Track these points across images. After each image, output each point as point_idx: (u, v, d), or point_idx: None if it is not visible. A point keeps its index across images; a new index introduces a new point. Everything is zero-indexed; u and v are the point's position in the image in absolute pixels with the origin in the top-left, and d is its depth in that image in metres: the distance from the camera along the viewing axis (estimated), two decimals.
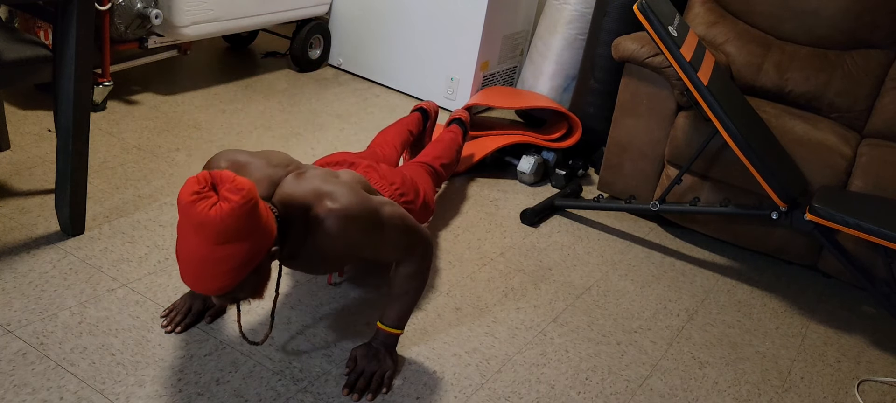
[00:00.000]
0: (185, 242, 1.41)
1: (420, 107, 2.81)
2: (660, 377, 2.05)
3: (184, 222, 1.40)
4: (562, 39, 3.43)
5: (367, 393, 1.77)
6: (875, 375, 2.24)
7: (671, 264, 2.64)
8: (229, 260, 1.41)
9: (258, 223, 1.43)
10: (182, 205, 1.39)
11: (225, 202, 1.38)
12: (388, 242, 1.68)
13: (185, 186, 1.40)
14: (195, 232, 1.39)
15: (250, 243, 1.43)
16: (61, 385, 1.63)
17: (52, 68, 2.04)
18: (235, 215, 1.38)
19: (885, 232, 2.12)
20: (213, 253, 1.40)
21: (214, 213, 1.37)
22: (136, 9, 2.87)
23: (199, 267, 1.42)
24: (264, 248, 1.47)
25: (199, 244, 1.39)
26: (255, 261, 1.46)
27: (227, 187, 1.39)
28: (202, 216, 1.37)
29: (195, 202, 1.38)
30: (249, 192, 1.40)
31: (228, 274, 1.43)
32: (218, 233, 1.38)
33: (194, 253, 1.41)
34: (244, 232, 1.41)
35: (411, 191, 2.14)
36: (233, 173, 1.43)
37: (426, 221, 2.31)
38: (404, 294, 1.79)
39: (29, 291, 1.89)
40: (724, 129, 2.30)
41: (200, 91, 3.32)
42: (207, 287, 1.44)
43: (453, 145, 2.61)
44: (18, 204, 2.25)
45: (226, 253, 1.40)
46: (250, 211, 1.40)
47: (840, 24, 2.87)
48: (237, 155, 1.70)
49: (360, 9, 3.75)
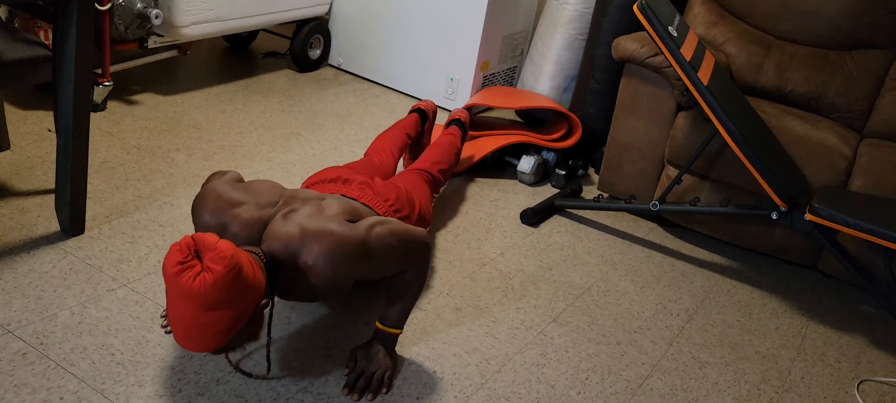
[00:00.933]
0: (173, 308, 1.45)
1: (418, 108, 2.80)
2: (660, 377, 2.05)
3: (170, 290, 1.44)
4: (562, 39, 3.43)
5: (368, 393, 1.77)
6: (875, 375, 2.24)
7: (671, 264, 2.64)
8: (219, 323, 1.45)
9: (244, 286, 1.46)
10: (167, 276, 1.42)
11: (208, 273, 1.40)
12: (382, 263, 1.68)
13: (169, 255, 1.43)
14: (182, 301, 1.42)
15: (237, 306, 1.46)
16: (61, 385, 1.63)
17: (52, 68, 2.04)
18: (219, 285, 1.41)
19: (885, 232, 2.12)
20: (201, 320, 1.43)
21: (198, 285, 1.40)
22: (136, 9, 2.88)
23: (189, 331, 1.45)
24: (252, 306, 1.50)
25: (188, 311, 1.43)
26: (243, 320, 1.49)
27: (209, 256, 1.42)
28: (187, 287, 1.40)
29: (180, 273, 1.41)
30: (231, 260, 1.42)
31: (219, 335, 1.46)
32: (203, 303, 1.41)
33: (183, 318, 1.44)
34: (230, 299, 1.44)
35: (407, 206, 2.11)
36: (215, 238, 1.44)
37: (425, 228, 2.29)
38: (403, 294, 1.79)
39: (29, 291, 1.89)
40: (724, 129, 2.30)
41: (200, 91, 3.32)
42: (201, 348, 1.48)
43: (452, 149, 2.60)
44: (18, 204, 2.25)
45: (213, 318, 1.44)
46: (234, 278, 1.43)
47: (840, 23, 2.87)
48: (230, 191, 1.69)
49: (360, 9, 3.75)
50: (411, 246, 1.73)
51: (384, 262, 1.68)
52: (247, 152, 2.84)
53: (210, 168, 2.67)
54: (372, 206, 1.97)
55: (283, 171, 2.75)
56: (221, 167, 2.69)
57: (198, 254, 1.43)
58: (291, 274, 1.62)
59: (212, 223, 1.65)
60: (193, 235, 1.46)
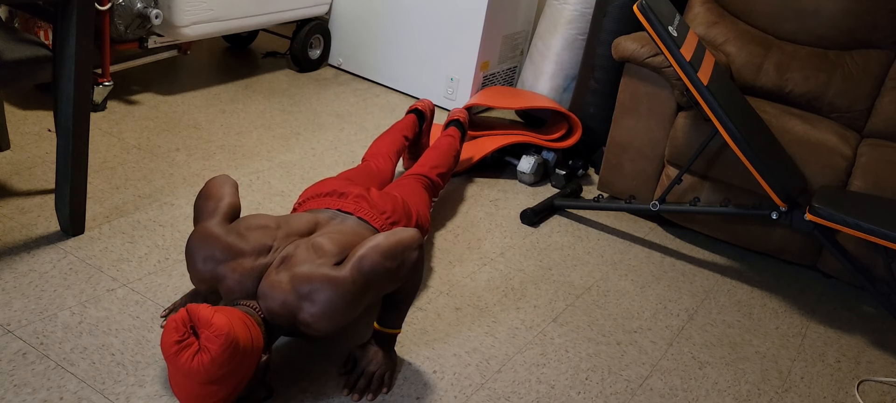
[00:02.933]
0: (174, 380, 1.51)
1: (415, 108, 2.78)
2: (660, 377, 2.05)
3: (170, 368, 1.50)
4: (562, 39, 3.43)
5: (367, 393, 1.77)
6: (875, 375, 2.24)
7: (671, 264, 2.64)
8: (220, 391, 1.51)
9: (242, 357, 1.50)
10: (166, 356, 1.48)
11: (205, 353, 1.45)
12: (380, 289, 1.68)
13: (166, 334, 1.48)
14: (182, 378, 1.48)
15: (238, 375, 1.52)
16: (61, 385, 1.63)
17: (52, 68, 2.04)
18: (217, 363, 1.46)
19: (885, 232, 2.12)
20: (202, 391, 1.50)
21: (197, 365, 1.45)
22: (136, 9, 2.88)
23: (192, 400, 1.52)
24: (252, 367, 1.55)
25: (187, 386, 1.49)
26: (244, 383, 1.55)
27: (205, 335, 1.46)
28: (186, 367, 1.46)
29: (178, 353, 1.46)
30: (228, 337, 1.46)
31: (223, 400, 1.53)
32: (203, 379, 1.47)
33: (184, 391, 1.51)
34: (230, 372, 1.49)
35: (403, 217, 2.08)
36: (209, 313, 1.47)
37: (423, 236, 2.28)
38: (400, 295, 1.78)
39: (29, 291, 1.89)
40: (724, 129, 2.30)
41: (200, 91, 3.32)
42: None
43: (451, 151, 2.57)
44: (18, 204, 2.25)
45: (214, 389, 1.50)
46: (232, 353, 1.47)
47: (840, 23, 2.87)
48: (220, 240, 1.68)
49: (360, 9, 3.75)
50: (404, 257, 1.69)
51: (382, 287, 1.68)
52: (247, 152, 2.84)
53: (210, 168, 2.67)
54: (368, 220, 1.96)
55: (283, 171, 2.75)
56: (221, 167, 2.69)
57: (194, 330, 1.48)
58: (290, 326, 1.67)
59: (206, 274, 1.67)
60: (188, 308, 1.49)
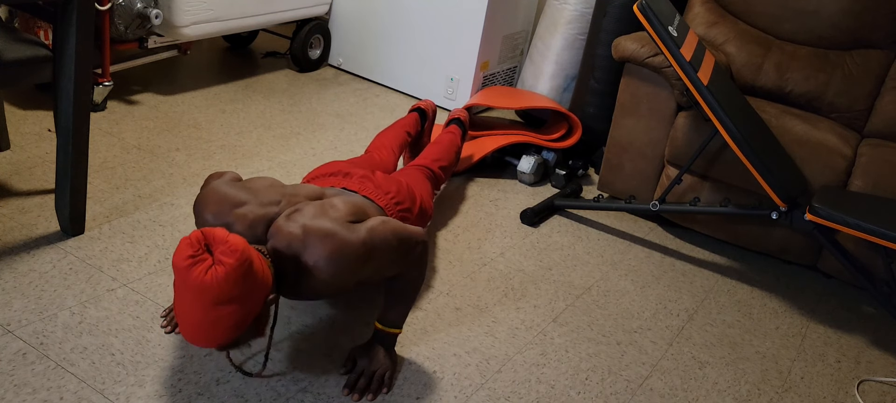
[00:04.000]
0: (182, 303, 1.44)
1: (418, 107, 2.80)
2: (660, 377, 2.05)
3: (180, 285, 1.43)
4: (562, 39, 3.43)
5: (368, 393, 1.77)
6: (875, 375, 2.24)
7: (671, 264, 2.64)
8: (228, 318, 1.44)
9: (254, 281, 1.46)
10: (178, 270, 1.41)
11: (220, 266, 1.40)
12: (383, 265, 1.68)
13: (180, 249, 1.42)
14: (192, 296, 1.41)
15: (247, 301, 1.45)
16: (61, 385, 1.63)
17: (52, 68, 2.04)
18: (231, 279, 1.40)
19: (885, 232, 2.12)
20: (211, 314, 1.42)
21: (210, 278, 1.39)
22: (136, 9, 2.88)
23: (197, 327, 1.44)
24: (261, 300, 1.50)
25: (197, 307, 1.42)
26: (252, 315, 1.49)
27: (220, 250, 1.41)
28: (198, 281, 1.39)
29: (191, 267, 1.40)
30: (243, 254, 1.42)
31: (227, 330, 1.46)
32: (215, 297, 1.41)
33: (192, 314, 1.43)
34: (241, 294, 1.43)
35: (407, 200, 2.11)
36: (225, 232, 1.44)
37: (424, 227, 2.29)
38: (401, 294, 1.78)
39: (29, 291, 1.89)
40: (724, 129, 2.30)
41: (200, 91, 3.32)
42: (208, 344, 1.47)
43: (452, 147, 2.60)
44: (18, 204, 2.25)
45: (223, 312, 1.43)
46: (246, 272, 1.43)
47: (840, 23, 2.87)
48: (231, 191, 1.68)
49: (360, 9, 3.75)
50: (410, 247, 1.72)
51: (385, 263, 1.68)
52: (247, 152, 2.84)
53: (210, 168, 2.67)
54: (373, 199, 1.97)
55: (283, 171, 2.75)
56: (221, 167, 2.69)
57: (208, 248, 1.42)
58: (294, 272, 1.62)
59: (215, 224, 1.64)
60: (203, 229, 1.45)
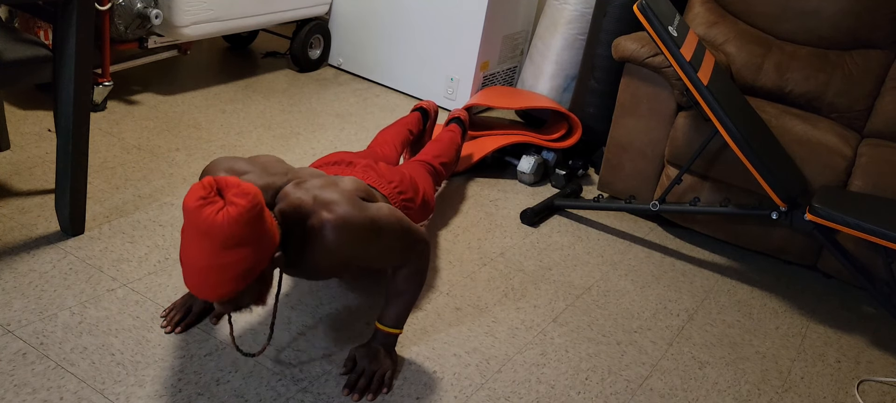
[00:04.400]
0: (189, 248, 1.40)
1: (420, 107, 2.82)
2: (660, 377, 2.05)
3: (189, 228, 1.39)
4: (562, 39, 3.43)
5: (368, 393, 1.77)
6: (875, 375, 2.24)
7: (671, 264, 2.64)
8: (235, 266, 1.41)
9: (263, 228, 1.43)
10: (188, 211, 1.38)
11: (232, 206, 1.37)
12: (385, 249, 1.68)
13: (191, 192, 1.39)
14: (201, 238, 1.38)
15: (256, 249, 1.42)
16: (61, 385, 1.63)
17: (52, 68, 2.04)
18: (242, 220, 1.38)
19: (885, 232, 2.12)
20: (219, 259, 1.39)
21: (221, 218, 1.36)
22: (136, 9, 2.88)
23: (203, 273, 1.41)
24: (268, 254, 1.47)
25: (205, 250, 1.39)
26: (259, 268, 1.45)
27: (233, 192, 1.39)
28: (209, 221, 1.36)
29: (202, 207, 1.37)
30: (256, 197, 1.40)
31: (233, 280, 1.42)
32: (225, 239, 1.38)
33: (199, 259, 1.40)
34: (250, 238, 1.40)
35: (410, 190, 2.13)
36: (237, 178, 1.43)
37: (426, 219, 2.31)
38: (402, 294, 1.79)
39: (29, 291, 1.89)
40: (724, 129, 2.30)
41: (200, 91, 3.32)
42: (211, 293, 1.44)
43: (452, 144, 2.61)
44: (18, 204, 2.25)
45: (231, 259, 1.40)
46: (257, 216, 1.40)
47: (840, 24, 2.87)
48: (234, 163, 1.69)
49: (360, 9, 3.75)
50: (413, 241, 1.73)
51: (386, 249, 1.68)
52: (247, 152, 2.84)
53: None
54: (377, 188, 1.97)
55: None
56: None
57: (220, 193, 1.40)
58: (299, 240, 1.60)
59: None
60: (215, 177, 1.43)
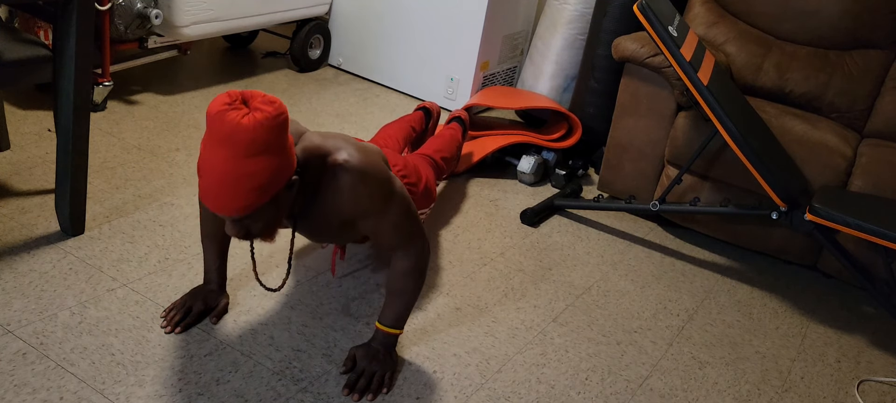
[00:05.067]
0: (211, 157, 1.41)
1: (423, 107, 2.83)
2: (660, 377, 2.05)
3: (212, 134, 1.40)
4: (562, 39, 3.43)
5: (368, 393, 1.76)
6: (875, 375, 2.24)
7: (671, 264, 2.64)
8: (255, 176, 1.41)
9: (285, 141, 1.45)
10: (212, 116, 1.40)
11: (258, 112, 1.39)
12: (391, 219, 1.69)
13: (216, 100, 1.41)
14: (223, 143, 1.39)
15: (277, 160, 1.43)
16: (61, 385, 1.63)
17: (52, 68, 2.04)
18: (267, 126, 1.39)
19: (885, 232, 2.12)
20: (240, 167, 1.40)
21: (247, 122, 1.38)
22: (136, 9, 2.88)
23: (223, 181, 1.41)
24: (287, 172, 1.48)
25: (227, 156, 1.40)
26: (277, 183, 1.46)
27: (258, 100, 1.41)
28: (234, 124, 1.38)
29: (226, 112, 1.39)
30: (281, 107, 1.42)
31: (251, 191, 1.43)
32: (248, 144, 1.39)
33: (220, 167, 1.40)
34: (273, 146, 1.42)
35: (414, 175, 2.17)
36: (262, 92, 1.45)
37: (428, 207, 2.32)
38: (401, 293, 1.78)
39: (29, 291, 1.89)
40: (724, 129, 2.30)
41: (200, 91, 3.32)
42: (229, 204, 1.44)
43: (453, 141, 2.63)
44: (18, 204, 2.25)
45: (252, 167, 1.41)
46: (282, 124, 1.42)
47: (840, 24, 2.87)
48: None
49: (360, 9, 3.75)
50: (416, 231, 1.75)
51: (392, 220, 1.69)
52: None
53: None
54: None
55: None
56: None
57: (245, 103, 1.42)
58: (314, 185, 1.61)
59: None
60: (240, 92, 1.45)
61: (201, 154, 1.44)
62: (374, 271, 2.26)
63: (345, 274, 2.22)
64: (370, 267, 2.28)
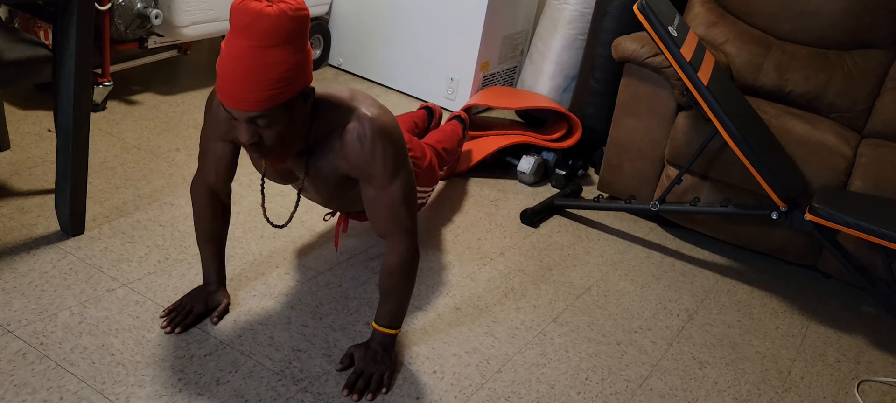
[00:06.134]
0: (231, 48, 1.43)
1: (426, 107, 2.85)
2: (660, 377, 2.05)
3: (234, 25, 1.43)
4: (562, 39, 3.43)
5: (367, 393, 1.76)
6: (875, 375, 2.24)
7: (671, 264, 2.64)
8: (274, 67, 1.43)
9: (305, 40, 1.47)
10: (236, 6, 1.43)
11: (282, 3, 1.43)
12: (392, 194, 1.68)
13: None
14: (245, 32, 1.42)
15: (296, 55, 1.46)
16: (61, 385, 1.63)
17: (52, 68, 2.04)
18: (290, 16, 1.42)
19: (885, 232, 2.12)
20: (260, 57, 1.42)
21: (270, 10, 1.41)
22: (136, 9, 2.88)
23: (242, 71, 1.43)
24: (305, 75, 1.50)
25: (248, 46, 1.42)
26: (294, 84, 1.48)
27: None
28: (256, 12, 1.41)
29: (250, 1, 1.42)
30: (303, 3, 1.46)
31: (270, 83, 1.44)
32: (270, 32, 1.41)
33: (240, 56, 1.43)
34: (294, 40, 1.45)
35: (419, 150, 2.22)
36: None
37: (431, 186, 2.34)
38: (391, 292, 1.78)
39: (29, 291, 1.89)
40: (724, 129, 2.30)
41: (200, 91, 3.32)
42: (245, 95, 1.45)
43: (454, 135, 2.66)
44: (18, 204, 2.25)
45: (272, 58, 1.43)
46: (303, 18, 1.45)
47: (840, 24, 2.87)
48: None
49: (360, 9, 3.75)
50: (411, 224, 1.73)
51: (395, 192, 1.68)
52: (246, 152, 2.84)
53: None
54: None
55: None
56: None
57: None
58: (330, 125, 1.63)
59: None
60: None
61: (222, 50, 1.47)
62: (374, 271, 2.26)
63: (345, 274, 2.22)
64: (371, 267, 2.28)
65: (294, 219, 2.43)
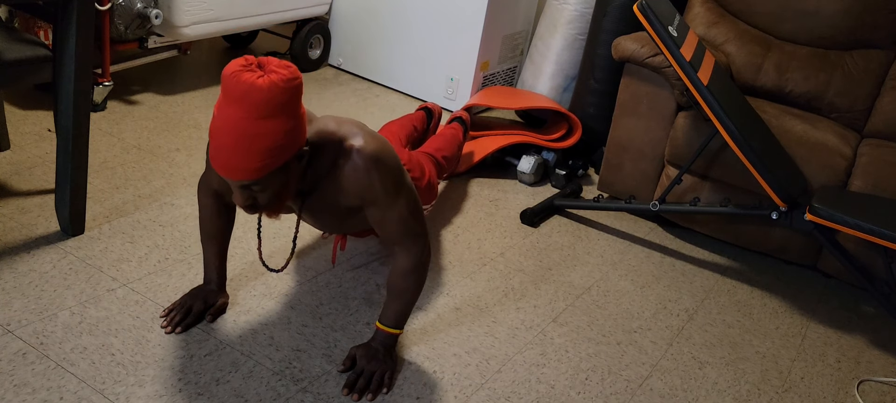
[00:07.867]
0: (224, 117, 1.42)
1: (425, 107, 2.84)
2: (660, 377, 2.05)
3: (227, 94, 1.42)
4: (562, 39, 3.43)
5: (367, 393, 1.76)
6: (875, 375, 2.24)
7: (671, 264, 2.64)
8: (266, 137, 1.42)
9: (299, 108, 1.46)
10: (227, 76, 1.42)
11: (273, 74, 1.41)
12: (398, 211, 1.69)
13: (231, 63, 1.43)
14: (238, 103, 1.41)
15: (290, 123, 1.45)
16: (61, 385, 1.63)
17: (52, 68, 2.04)
18: (282, 88, 1.41)
19: (885, 232, 2.12)
20: (252, 127, 1.41)
21: (262, 82, 1.40)
22: (136, 9, 2.88)
23: (235, 141, 1.42)
24: (299, 139, 1.49)
25: (241, 116, 1.41)
26: (288, 150, 1.47)
27: (274, 65, 1.44)
28: (249, 84, 1.40)
29: (242, 71, 1.41)
30: (296, 73, 1.44)
31: (262, 153, 1.43)
32: (262, 104, 1.40)
33: (233, 126, 1.42)
34: (287, 110, 1.43)
35: (417, 169, 2.21)
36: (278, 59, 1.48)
37: (429, 204, 2.34)
38: (401, 293, 1.78)
39: (29, 291, 1.89)
40: (724, 129, 2.30)
41: (200, 91, 3.32)
42: (238, 165, 1.44)
43: (454, 140, 2.64)
44: (18, 204, 2.25)
45: (264, 129, 1.42)
46: (296, 88, 1.44)
47: (840, 24, 2.87)
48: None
49: (360, 9, 3.75)
50: (420, 229, 1.75)
51: (398, 211, 1.69)
52: None
53: None
54: None
55: None
56: None
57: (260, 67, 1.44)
58: (326, 163, 1.63)
59: None
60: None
61: (214, 116, 1.46)
62: (374, 271, 2.26)
63: (345, 274, 2.22)
64: (371, 267, 2.28)
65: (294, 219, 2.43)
